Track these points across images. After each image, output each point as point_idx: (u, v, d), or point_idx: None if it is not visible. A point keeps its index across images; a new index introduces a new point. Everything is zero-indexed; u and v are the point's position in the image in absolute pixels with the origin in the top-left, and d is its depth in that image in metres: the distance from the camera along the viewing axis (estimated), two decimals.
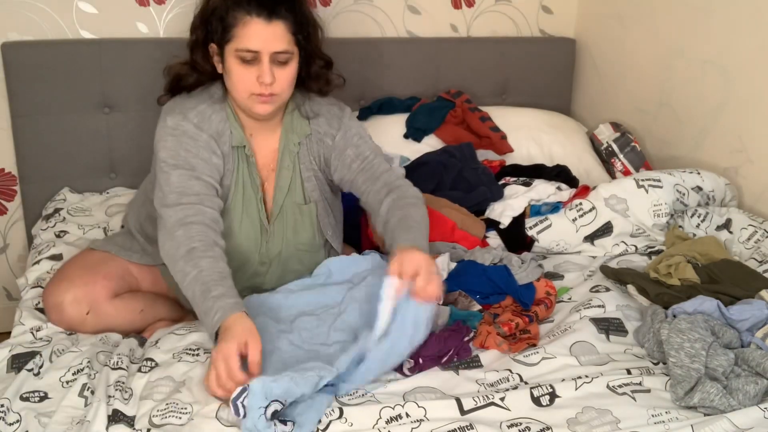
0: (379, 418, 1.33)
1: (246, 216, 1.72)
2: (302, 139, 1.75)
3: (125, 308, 1.69)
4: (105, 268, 1.72)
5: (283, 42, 1.59)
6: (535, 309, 1.68)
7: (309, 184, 1.77)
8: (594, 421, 1.34)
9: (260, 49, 1.57)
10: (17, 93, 2.26)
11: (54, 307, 1.64)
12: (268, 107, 1.64)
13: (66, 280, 1.67)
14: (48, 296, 1.66)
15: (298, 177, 1.76)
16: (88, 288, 1.65)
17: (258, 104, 1.63)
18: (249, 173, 1.72)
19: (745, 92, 2.16)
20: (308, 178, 1.77)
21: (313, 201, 1.78)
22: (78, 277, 1.68)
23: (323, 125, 1.76)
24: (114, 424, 1.32)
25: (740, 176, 2.20)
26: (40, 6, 2.29)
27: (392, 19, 2.66)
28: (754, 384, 1.37)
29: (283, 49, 1.59)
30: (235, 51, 1.58)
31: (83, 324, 1.64)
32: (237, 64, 1.59)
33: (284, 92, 1.65)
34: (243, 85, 1.61)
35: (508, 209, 2.06)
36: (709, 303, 1.57)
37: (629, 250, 2.01)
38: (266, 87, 1.59)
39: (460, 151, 2.27)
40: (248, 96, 1.62)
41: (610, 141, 2.54)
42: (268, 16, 1.56)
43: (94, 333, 1.65)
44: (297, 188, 1.76)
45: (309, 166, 1.77)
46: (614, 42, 2.69)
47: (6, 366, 1.49)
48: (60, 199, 2.29)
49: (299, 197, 1.77)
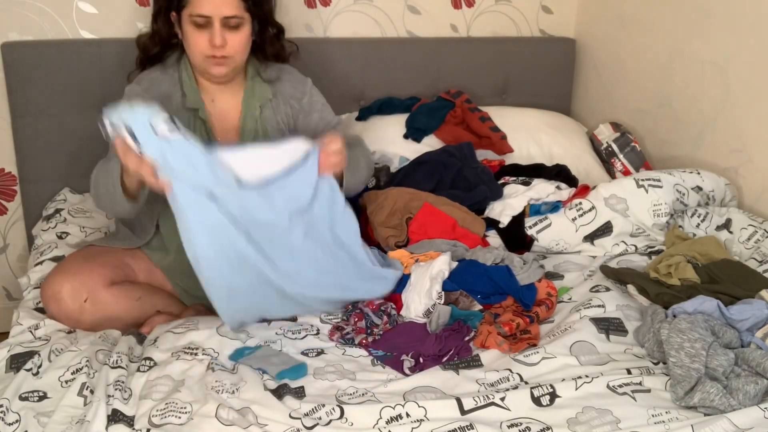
0: (379, 418, 1.33)
1: None
2: (264, 102, 1.86)
3: (123, 295, 1.70)
4: (101, 259, 1.75)
5: (232, 7, 1.71)
6: (536, 310, 1.69)
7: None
8: (594, 421, 1.34)
9: (211, 14, 1.70)
10: (17, 93, 2.26)
11: (52, 298, 1.65)
12: (222, 69, 1.76)
13: (63, 272, 1.69)
14: (46, 288, 1.67)
15: (261, 138, 1.84)
16: (84, 276, 1.66)
17: (213, 66, 1.75)
18: (206, 136, 1.80)
19: (745, 92, 2.16)
20: (275, 138, 1.81)
21: None
22: (74, 267, 1.70)
23: (288, 88, 1.89)
24: (113, 423, 1.32)
25: (740, 176, 2.20)
26: (40, 6, 2.29)
27: (392, 19, 2.66)
28: (754, 384, 1.37)
29: (232, 14, 1.71)
30: (189, 16, 1.71)
31: (81, 313, 1.64)
32: (191, 28, 1.72)
33: (237, 55, 1.77)
34: (197, 48, 1.73)
35: (508, 208, 2.06)
36: (709, 303, 1.57)
37: (629, 250, 2.01)
38: (218, 49, 1.72)
39: (460, 150, 2.27)
40: (203, 59, 1.74)
41: (610, 141, 2.54)
42: None
43: (92, 325, 1.65)
44: None
45: (276, 126, 1.87)
46: (614, 42, 2.69)
47: (5, 366, 1.49)
48: (60, 200, 2.29)
49: None
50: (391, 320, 1.70)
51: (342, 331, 1.66)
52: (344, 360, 1.55)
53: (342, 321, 1.70)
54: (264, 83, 1.86)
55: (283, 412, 1.34)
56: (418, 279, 1.74)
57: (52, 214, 2.21)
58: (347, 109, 2.60)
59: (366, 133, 2.42)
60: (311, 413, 1.35)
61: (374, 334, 1.65)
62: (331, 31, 2.61)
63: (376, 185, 2.25)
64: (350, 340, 1.63)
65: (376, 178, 2.27)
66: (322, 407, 1.36)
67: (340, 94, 2.59)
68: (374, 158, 2.35)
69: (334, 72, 2.55)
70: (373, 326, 1.68)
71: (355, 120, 2.50)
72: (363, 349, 1.61)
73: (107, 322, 1.66)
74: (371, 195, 2.09)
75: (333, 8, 2.58)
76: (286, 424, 1.32)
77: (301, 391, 1.43)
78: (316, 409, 1.35)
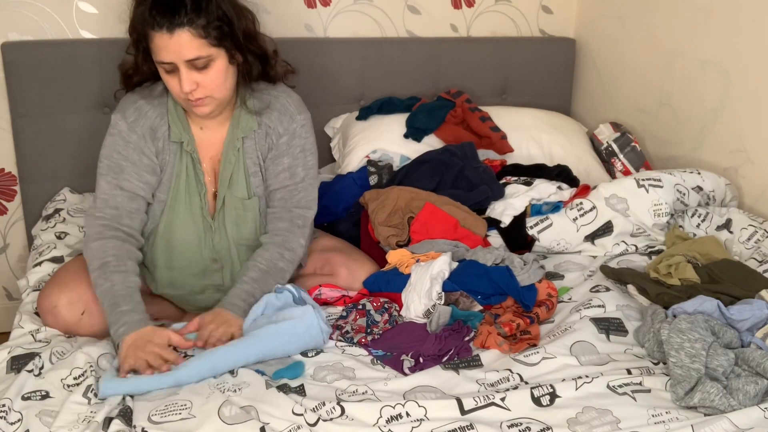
0: (379, 417, 1.34)
1: (189, 210, 1.73)
2: (248, 133, 1.74)
3: None
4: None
5: (192, 49, 1.57)
6: (536, 310, 1.69)
7: (255, 179, 1.76)
8: (594, 421, 1.34)
9: (173, 60, 1.57)
10: (17, 93, 2.26)
11: (49, 311, 1.64)
12: (204, 109, 1.65)
13: (59, 284, 1.68)
14: (43, 301, 1.67)
15: (242, 171, 1.75)
16: (81, 289, 1.65)
17: (193, 108, 1.65)
18: (193, 167, 1.73)
19: (745, 92, 2.16)
20: (254, 173, 1.76)
21: (257, 196, 1.77)
22: (71, 279, 1.69)
23: (274, 120, 1.75)
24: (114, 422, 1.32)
25: (740, 176, 2.20)
26: (40, 6, 2.29)
27: (392, 19, 2.66)
28: (754, 384, 1.37)
29: (195, 56, 1.58)
30: (157, 62, 1.61)
31: (79, 326, 1.64)
32: (164, 73, 1.62)
33: (215, 92, 1.64)
34: (173, 92, 1.64)
35: (509, 208, 2.06)
36: (709, 303, 1.57)
37: (629, 250, 2.01)
38: (190, 93, 1.60)
39: (462, 150, 2.27)
40: (182, 101, 1.65)
41: (610, 141, 2.54)
42: (169, 27, 1.55)
43: (90, 335, 1.65)
44: (240, 182, 1.75)
45: (255, 161, 1.76)
46: (614, 42, 2.69)
47: (5, 367, 1.49)
48: (60, 200, 2.29)
49: (242, 192, 1.75)
50: (391, 320, 1.71)
51: (341, 330, 1.66)
52: (344, 359, 1.55)
53: (341, 319, 1.70)
54: (249, 114, 1.74)
55: (285, 409, 1.34)
56: (419, 279, 1.74)
57: (51, 214, 2.21)
58: (347, 109, 2.60)
59: (366, 132, 2.42)
60: (314, 410, 1.35)
61: (374, 333, 1.65)
62: (331, 31, 2.61)
63: (377, 183, 2.25)
64: (350, 338, 1.63)
65: (378, 176, 2.27)
66: (323, 406, 1.36)
67: (340, 94, 2.59)
68: (376, 156, 2.35)
69: (334, 72, 2.55)
70: (373, 325, 1.68)
71: (356, 120, 2.50)
72: (362, 348, 1.61)
73: (105, 332, 1.65)
74: (372, 193, 2.09)
75: (333, 8, 2.58)
76: (289, 420, 1.32)
77: (301, 390, 1.43)
78: (317, 407, 1.35)
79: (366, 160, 2.33)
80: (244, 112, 1.74)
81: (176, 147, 1.73)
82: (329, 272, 1.87)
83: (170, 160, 1.72)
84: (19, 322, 1.65)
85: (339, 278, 1.85)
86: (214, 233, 1.76)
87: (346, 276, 1.85)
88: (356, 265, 1.87)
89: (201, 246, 1.76)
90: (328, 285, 1.82)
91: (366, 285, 1.83)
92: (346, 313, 1.72)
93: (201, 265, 1.77)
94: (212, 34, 1.58)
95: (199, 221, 1.75)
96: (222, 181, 1.75)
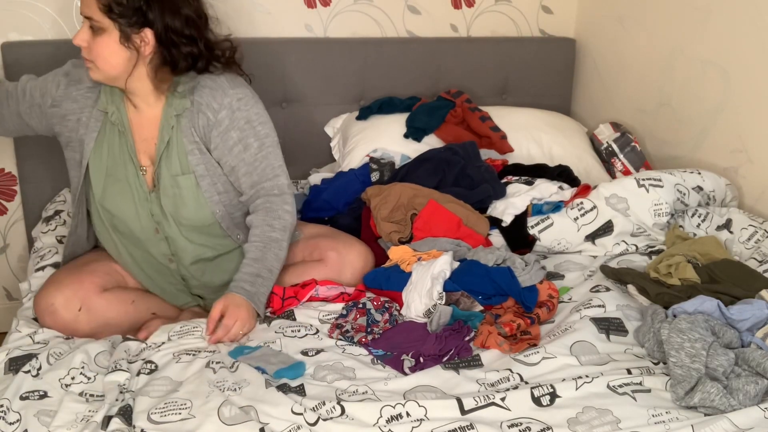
0: (380, 417, 1.33)
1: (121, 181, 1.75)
2: (181, 111, 1.74)
3: (116, 300, 1.70)
4: (90, 267, 1.76)
5: (88, 6, 1.62)
6: (537, 311, 1.68)
7: (193, 157, 1.75)
8: (594, 421, 1.34)
9: (82, 12, 1.64)
10: None
11: (46, 311, 1.65)
12: (92, 74, 1.68)
13: (55, 284, 1.69)
14: (39, 301, 1.67)
15: (175, 149, 1.74)
16: (76, 286, 1.67)
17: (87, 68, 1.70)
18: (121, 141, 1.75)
19: (745, 92, 2.16)
20: (191, 150, 1.75)
21: (193, 173, 1.75)
22: (66, 278, 1.70)
23: (206, 96, 1.74)
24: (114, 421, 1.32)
25: (740, 176, 2.20)
26: (40, 6, 2.29)
27: (392, 19, 2.66)
28: (754, 384, 1.37)
29: (88, 15, 1.62)
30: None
31: (77, 323, 1.64)
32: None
33: (97, 61, 1.66)
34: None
35: (511, 207, 2.06)
36: (710, 303, 1.57)
37: (630, 250, 2.01)
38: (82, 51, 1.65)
39: (464, 148, 2.27)
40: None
41: (610, 141, 2.54)
42: None
43: (89, 333, 1.65)
44: (174, 160, 1.75)
45: (191, 138, 1.75)
46: (614, 42, 2.69)
47: (4, 368, 1.49)
48: (60, 201, 2.29)
49: (176, 169, 1.75)
50: (391, 319, 1.70)
51: (342, 329, 1.66)
52: (344, 358, 1.55)
53: (341, 318, 1.70)
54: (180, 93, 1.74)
55: (285, 409, 1.34)
56: (420, 278, 1.74)
57: (51, 216, 2.20)
58: (347, 109, 2.60)
59: (366, 132, 2.42)
60: (314, 410, 1.35)
61: (374, 333, 1.65)
62: (331, 31, 2.61)
63: (379, 180, 2.25)
64: (350, 338, 1.63)
65: (379, 173, 2.27)
66: (323, 405, 1.36)
67: (340, 94, 2.59)
68: (377, 155, 2.35)
69: (334, 72, 2.55)
70: (373, 324, 1.68)
71: (356, 119, 2.50)
72: (363, 347, 1.61)
73: (103, 328, 1.67)
74: (375, 189, 2.09)
75: (333, 8, 2.58)
76: (289, 420, 1.32)
77: (301, 390, 1.43)
78: (317, 407, 1.35)
79: (368, 158, 2.33)
80: (177, 93, 1.74)
81: (100, 115, 1.75)
82: (318, 257, 1.86)
83: (93, 125, 1.74)
84: (17, 326, 1.65)
85: (329, 262, 1.84)
86: (151, 204, 1.76)
87: (336, 259, 1.84)
88: (345, 248, 1.86)
89: (140, 215, 1.76)
90: (325, 282, 1.81)
91: (366, 280, 1.83)
92: (346, 311, 1.72)
93: (146, 233, 1.77)
94: (113, 7, 1.60)
95: (136, 193, 1.75)
96: (156, 160, 1.74)
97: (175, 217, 1.76)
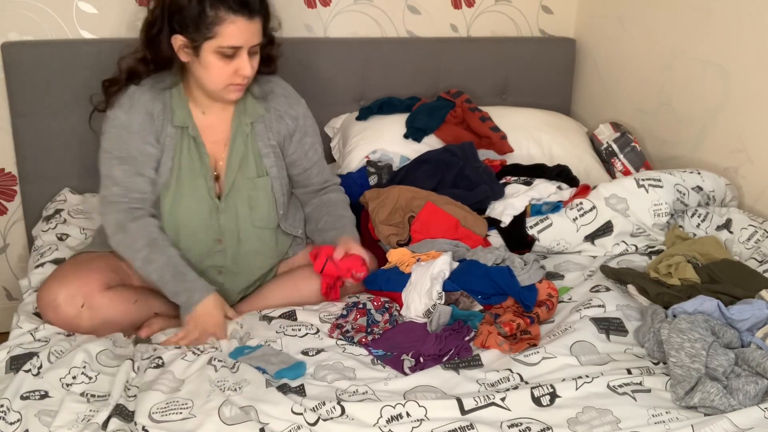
0: (380, 417, 1.33)
1: (193, 192, 1.79)
2: (257, 118, 1.85)
3: (119, 298, 1.70)
4: (94, 264, 1.76)
5: (259, 36, 1.73)
6: (536, 311, 1.69)
7: (267, 160, 1.86)
8: (594, 421, 1.34)
9: (243, 44, 1.69)
10: (17, 93, 2.26)
11: (49, 306, 1.65)
12: (240, 94, 1.78)
13: (58, 279, 1.69)
14: (42, 296, 1.67)
15: (251, 154, 1.84)
16: (80, 282, 1.67)
17: (232, 93, 1.76)
18: (197, 151, 1.80)
19: (745, 92, 2.16)
20: (267, 154, 1.85)
21: (269, 175, 1.86)
22: (70, 274, 1.70)
23: (282, 104, 1.88)
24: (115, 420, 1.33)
25: (740, 176, 2.20)
26: (40, 6, 2.29)
27: (392, 19, 2.66)
28: (754, 384, 1.37)
29: (258, 42, 1.73)
30: (217, 47, 1.68)
31: (79, 318, 1.64)
32: (215, 58, 1.70)
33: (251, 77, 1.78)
34: (221, 77, 1.72)
35: (509, 208, 2.06)
36: (710, 303, 1.57)
37: (629, 250, 2.01)
38: (245, 78, 1.73)
39: (462, 149, 2.27)
40: (224, 86, 1.74)
41: (610, 141, 2.54)
42: (249, 14, 1.68)
43: (91, 329, 1.65)
44: (250, 164, 1.84)
45: (267, 142, 1.86)
46: (614, 42, 2.69)
47: (5, 367, 1.49)
48: (60, 200, 2.29)
49: (252, 172, 1.84)
50: (391, 319, 1.71)
51: (342, 329, 1.66)
52: (344, 358, 1.55)
53: (341, 318, 1.70)
54: (255, 100, 1.84)
55: (285, 409, 1.34)
56: (419, 279, 1.74)
57: (52, 215, 2.20)
58: (347, 109, 2.60)
59: (366, 132, 2.42)
60: (314, 410, 1.35)
61: (374, 333, 1.65)
62: (331, 31, 2.61)
63: (377, 183, 2.25)
64: (350, 338, 1.63)
65: (377, 176, 2.27)
66: (323, 405, 1.36)
67: (340, 94, 2.59)
68: (375, 157, 2.36)
69: (334, 72, 2.55)
70: (374, 324, 1.68)
71: (356, 120, 2.50)
72: (363, 347, 1.61)
73: (105, 325, 1.67)
74: (372, 192, 2.09)
75: (333, 8, 2.58)
76: (289, 420, 1.32)
77: (301, 390, 1.43)
78: (317, 407, 1.35)
79: (365, 161, 2.33)
80: (249, 99, 1.84)
81: (176, 131, 1.78)
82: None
83: (169, 143, 1.77)
84: (18, 322, 1.65)
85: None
86: (220, 214, 1.80)
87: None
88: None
89: (206, 227, 1.81)
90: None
91: (366, 283, 1.83)
92: (346, 312, 1.72)
93: (206, 246, 1.82)
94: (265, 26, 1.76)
95: (205, 202, 1.80)
96: (231, 165, 1.81)
97: (250, 221, 1.83)
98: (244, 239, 1.84)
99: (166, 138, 1.77)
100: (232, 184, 1.81)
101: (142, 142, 1.75)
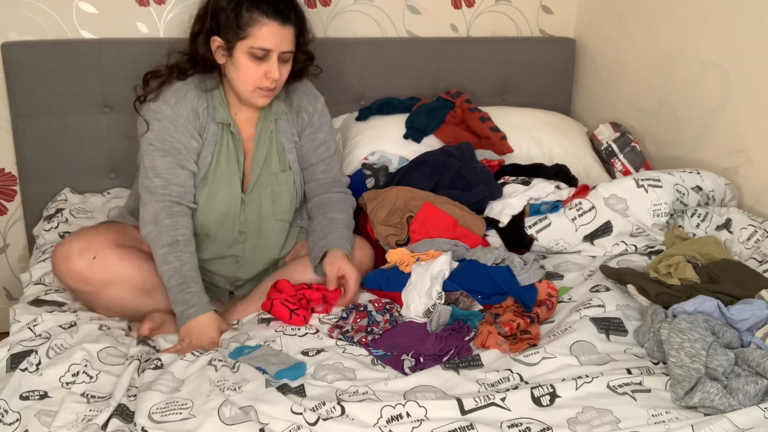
0: (380, 417, 1.33)
1: (227, 187, 1.84)
2: (281, 116, 1.91)
3: (130, 256, 1.75)
4: (113, 228, 1.85)
5: (290, 43, 1.78)
6: (536, 310, 1.69)
7: (291, 155, 1.93)
8: (594, 420, 1.34)
9: (273, 48, 1.75)
10: (17, 93, 2.26)
11: (62, 257, 1.70)
12: (267, 100, 1.82)
13: (74, 235, 1.77)
14: (57, 250, 1.72)
15: (275, 149, 1.90)
16: (93, 237, 1.74)
17: (259, 98, 1.81)
18: (234, 148, 1.86)
19: (745, 92, 2.16)
20: (290, 149, 1.93)
21: (292, 170, 1.92)
22: (86, 233, 1.78)
23: (302, 100, 1.94)
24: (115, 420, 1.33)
25: (740, 176, 2.20)
26: (40, 6, 2.29)
27: (392, 19, 2.66)
28: (754, 384, 1.37)
29: (289, 50, 1.79)
30: (248, 48, 1.74)
31: (90, 269, 1.68)
32: (246, 59, 1.76)
33: (281, 86, 1.84)
34: (250, 79, 1.77)
35: (508, 208, 2.06)
36: (709, 303, 1.57)
37: (629, 250, 2.01)
38: (273, 81, 1.77)
39: (459, 150, 2.27)
40: (252, 89, 1.79)
41: (610, 141, 2.54)
42: (282, 20, 1.74)
43: (100, 284, 1.69)
44: (274, 159, 1.90)
45: (290, 138, 1.93)
46: (614, 42, 2.69)
47: (5, 366, 1.48)
48: (61, 200, 2.29)
49: (276, 167, 1.90)
50: (391, 319, 1.71)
51: (341, 329, 1.66)
52: (344, 358, 1.55)
53: (341, 320, 1.70)
54: (278, 98, 1.90)
55: (284, 409, 1.34)
56: (419, 278, 1.74)
57: (53, 214, 2.21)
58: (347, 109, 2.60)
59: (366, 133, 2.42)
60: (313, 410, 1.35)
61: (374, 333, 1.65)
62: (331, 31, 2.61)
63: (374, 185, 2.25)
64: (350, 338, 1.63)
65: (374, 179, 2.27)
66: (323, 405, 1.36)
67: (340, 94, 2.59)
68: (374, 158, 2.36)
69: (334, 72, 2.55)
70: (374, 324, 1.68)
71: (356, 120, 2.50)
72: (363, 347, 1.61)
73: (114, 282, 1.71)
74: (371, 193, 2.09)
75: (333, 8, 2.58)
76: (289, 420, 1.32)
77: (301, 391, 1.43)
78: (317, 407, 1.35)
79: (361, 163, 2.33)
80: (275, 101, 1.89)
81: (217, 127, 1.83)
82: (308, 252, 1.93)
83: (210, 138, 1.83)
84: (15, 316, 1.65)
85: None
86: (245, 207, 1.86)
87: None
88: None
89: (233, 219, 1.86)
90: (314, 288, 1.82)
91: (366, 282, 1.83)
92: (346, 314, 1.72)
93: (231, 237, 1.88)
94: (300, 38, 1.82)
95: (236, 196, 1.85)
96: (256, 161, 1.87)
97: (272, 214, 1.89)
98: (264, 232, 1.90)
99: (209, 134, 1.82)
100: (257, 179, 1.87)
101: (187, 136, 1.79)
